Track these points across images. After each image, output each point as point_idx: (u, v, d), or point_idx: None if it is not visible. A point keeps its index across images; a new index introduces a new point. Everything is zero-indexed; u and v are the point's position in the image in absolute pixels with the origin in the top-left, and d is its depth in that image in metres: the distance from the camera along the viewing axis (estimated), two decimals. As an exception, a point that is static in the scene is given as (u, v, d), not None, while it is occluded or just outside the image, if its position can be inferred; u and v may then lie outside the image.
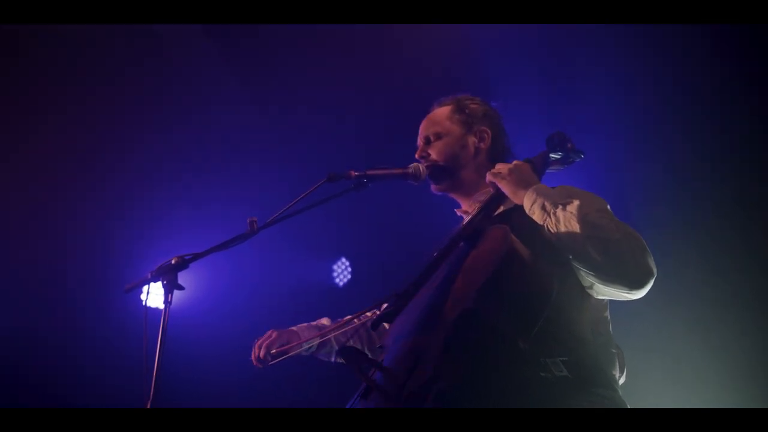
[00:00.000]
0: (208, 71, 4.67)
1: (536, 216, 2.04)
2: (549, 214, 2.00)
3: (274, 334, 2.47)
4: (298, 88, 4.56)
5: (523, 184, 2.13)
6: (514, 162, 2.25)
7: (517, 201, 2.13)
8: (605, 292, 2.05)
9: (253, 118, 4.71)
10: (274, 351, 2.44)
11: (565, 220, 1.97)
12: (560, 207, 2.00)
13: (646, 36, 4.00)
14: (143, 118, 4.60)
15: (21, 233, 4.47)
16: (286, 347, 2.45)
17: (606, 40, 4.07)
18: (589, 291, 2.08)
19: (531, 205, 2.06)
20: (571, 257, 1.98)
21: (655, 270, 1.96)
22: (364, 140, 4.31)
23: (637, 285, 1.96)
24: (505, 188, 2.18)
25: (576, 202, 1.99)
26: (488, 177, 2.26)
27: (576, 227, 1.94)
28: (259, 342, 2.47)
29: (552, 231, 1.99)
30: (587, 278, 2.01)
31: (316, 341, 2.47)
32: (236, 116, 4.69)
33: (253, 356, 2.47)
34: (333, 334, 2.50)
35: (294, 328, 2.56)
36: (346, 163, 2.47)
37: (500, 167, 2.24)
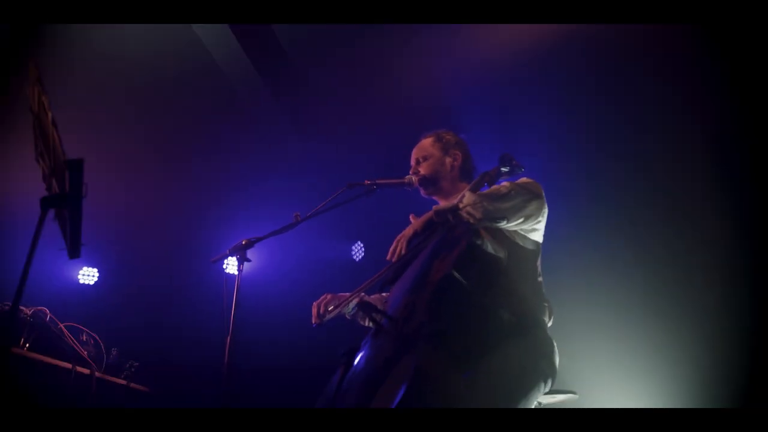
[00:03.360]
0: (265, 111, 4.62)
1: (462, 218, 1.94)
2: (462, 213, 1.94)
3: (329, 296, 2.30)
4: (326, 120, 4.52)
5: (426, 221, 2.04)
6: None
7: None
8: (535, 227, 2.06)
9: (297, 146, 4.71)
10: (331, 308, 2.26)
11: (472, 205, 1.93)
12: (460, 203, 1.96)
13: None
14: (230, 149, 4.59)
15: (147, 224, 4.55)
16: (338, 303, 2.26)
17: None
18: (533, 237, 2.09)
19: (451, 216, 1.96)
20: (498, 221, 1.95)
21: (539, 188, 2.02)
22: (373, 159, 4.29)
23: (538, 203, 2.00)
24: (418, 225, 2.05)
25: (466, 193, 2.00)
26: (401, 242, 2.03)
27: (479, 202, 1.93)
28: (317, 302, 2.29)
29: (475, 217, 1.92)
30: (521, 225, 2.01)
31: (355, 300, 2.28)
32: (286, 146, 4.70)
33: (314, 313, 2.26)
34: (362, 295, 2.31)
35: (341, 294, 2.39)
36: (360, 175, 2.48)
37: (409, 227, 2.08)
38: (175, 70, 4.12)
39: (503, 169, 2.33)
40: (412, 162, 2.48)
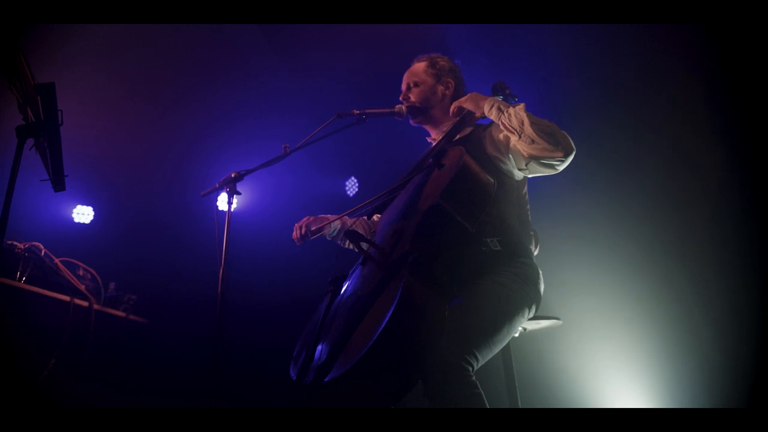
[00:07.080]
0: (258, 56, 4.50)
1: (494, 115, 2.03)
2: (503, 112, 1.99)
3: (311, 218, 2.34)
4: (317, 57, 4.40)
5: (481, 100, 2.12)
6: (472, 93, 2.22)
7: (478, 112, 2.11)
8: (537, 170, 2.01)
9: (288, 82, 4.60)
10: (313, 228, 2.30)
11: (515, 113, 1.96)
12: (510, 107, 2.00)
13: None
14: (221, 85, 4.50)
15: (140, 162, 4.52)
16: (320, 225, 2.31)
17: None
18: (523, 173, 2.05)
19: (490, 108, 2.04)
20: (517, 138, 1.95)
21: (574, 146, 1.92)
22: (363, 90, 4.18)
23: (564, 155, 1.90)
24: (469, 106, 2.15)
25: (522, 105, 1.99)
26: (453, 105, 2.22)
27: (523, 117, 1.94)
28: (298, 224, 2.33)
29: (505, 123, 1.97)
30: (526, 157, 1.96)
31: (339, 224, 2.37)
32: (277, 83, 4.59)
33: (294, 234, 2.32)
34: (347, 219, 2.40)
35: (323, 216, 2.43)
36: (351, 105, 2.40)
37: (462, 98, 2.21)
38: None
39: (496, 98, 2.27)
40: (403, 87, 2.40)
